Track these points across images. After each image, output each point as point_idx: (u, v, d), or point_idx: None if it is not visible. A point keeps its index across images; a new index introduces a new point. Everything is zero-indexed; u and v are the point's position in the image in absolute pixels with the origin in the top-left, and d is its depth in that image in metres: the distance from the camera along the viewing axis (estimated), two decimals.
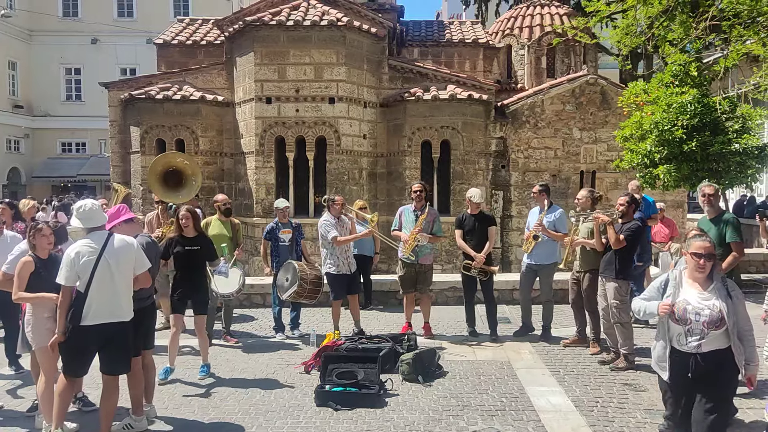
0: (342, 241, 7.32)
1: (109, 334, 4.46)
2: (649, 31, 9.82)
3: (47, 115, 29.05)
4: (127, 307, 4.58)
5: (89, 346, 4.49)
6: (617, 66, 15.63)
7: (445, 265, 12.65)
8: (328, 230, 7.31)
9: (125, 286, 4.56)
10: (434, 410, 5.22)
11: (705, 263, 3.70)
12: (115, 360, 4.57)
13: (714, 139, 9.10)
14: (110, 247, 4.51)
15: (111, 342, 4.49)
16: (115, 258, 4.49)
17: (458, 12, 35.19)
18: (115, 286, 4.47)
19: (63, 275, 4.40)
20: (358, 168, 12.90)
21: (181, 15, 24.98)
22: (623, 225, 6.33)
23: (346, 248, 7.49)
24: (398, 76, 13.53)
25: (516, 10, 18.45)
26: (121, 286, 4.51)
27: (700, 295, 3.72)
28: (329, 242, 7.30)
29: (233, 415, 5.18)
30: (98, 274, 4.41)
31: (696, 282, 3.78)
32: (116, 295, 4.48)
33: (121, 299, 4.53)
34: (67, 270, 4.40)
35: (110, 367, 4.58)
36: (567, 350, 6.94)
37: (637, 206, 6.78)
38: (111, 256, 4.47)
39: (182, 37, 15.64)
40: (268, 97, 12.48)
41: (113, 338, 4.49)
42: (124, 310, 4.55)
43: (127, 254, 4.58)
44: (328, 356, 5.92)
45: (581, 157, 13.45)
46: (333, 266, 7.38)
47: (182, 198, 8.16)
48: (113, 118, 14.10)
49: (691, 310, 3.69)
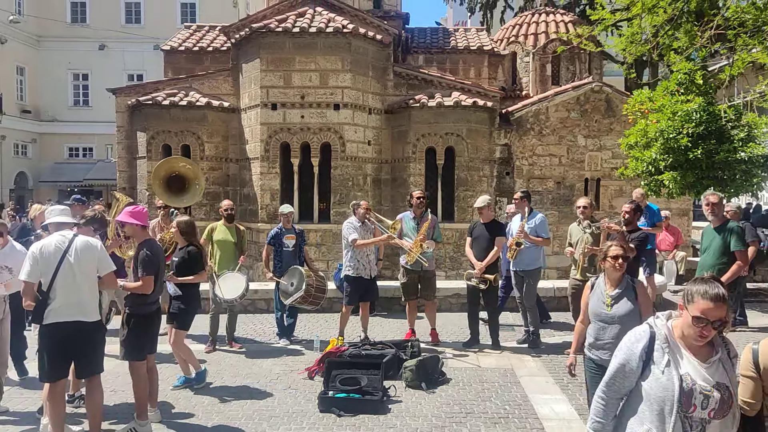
0: (361, 245, 7.29)
1: (73, 333, 4.47)
2: (654, 40, 9.82)
3: (54, 120, 29.23)
4: (89, 308, 4.57)
5: (53, 346, 4.46)
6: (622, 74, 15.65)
7: (449, 272, 12.64)
8: (349, 232, 7.34)
9: (88, 287, 4.57)
10: (437, 417, 5.22)
11: (709, 333, 2.51)
12: (84, 362, 4.59)
13: (719, 147, 9.08)
14: (73, 247, 4.55)
15: (76, 343, 4.49)
16: (77, 258, 4.52)
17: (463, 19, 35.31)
18: (78, 286, 4.50)
19: (25, 272, 4.46)
20: (363, 174, 12.93)
21: (188, 22, 25.13)
22: (630, 234, 6.33)
23: (368, 252, 7.45)
24: (403, 83, 13.57)
25: (521, 18, 18.48)
26: (83, 286, 4.53)
27: (704, 369, 2.55)
28: (349, 244, 7.33)
29: (237, 421, 5.19)
30: (61, 273, 4.45)
31: (692, 349, 2.59)
32: (79, 294, 4.50)
33: (84, 299, 4.53)
34: (30, 266, 4.45)
35: (82, 370, 4.63)
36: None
37: (642, 214, 6.80)
38: (73, 256, 4.51)
39: (189, 44, 15.74)
40: (273, 104, 12.54)
41: (78, 339, 4.50)
42: (87, 311, 4.55)
43: (89, 255, 4.59)
44: (331, 362, 5.93)
45: (586, 165, 13.44)
46: (352, 269, 7.37)
47: (186, 202, 8.21)
48: (120, 124, 14.19)
49: (698, 393, 2.50)
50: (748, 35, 8.44)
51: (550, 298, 9.35)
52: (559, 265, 12.75)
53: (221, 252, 7.60)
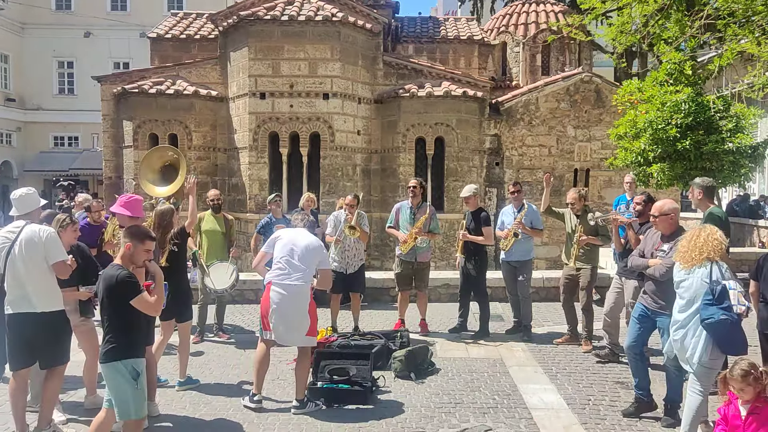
0: (328, 240, 7.45)
1: (27, 324, 4.45)
2: (644, 29, 9.81)
3: (39, 109, 28.81)
4: (35, 298, 4.49)
5: (13, 337, 4.47)
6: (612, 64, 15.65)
7: (439, 262, 12.64)
8: (327, 224, 7.51)
9: (35, 276, 4.49)
10: (426, 407, 5.21)
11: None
12: (43, 352, 4.55)
13: (708, 138, 9.11)
14: (21, 236, 4.51)
15: (34, 333, 4.47)
16: (21, 247, 4.48)
17: (453, 9, 35.15)
18: (23, 276, 4.46)
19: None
20: (352, 164, 12.87)
21: (175, 9, 24.84)
22: (642, 225, 6.29)
23: (344, 249, 7.45)
24: (393, 73, 13.50)
25: (511, 7, 18.43)
26: (31, 276, 4.47)
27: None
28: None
29: (225, 411, 5.16)
30: (9, 263, 4.46)
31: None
32: (25, 286, 4.46)
33: (29, 289, 4.47)
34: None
35: (43, 360, 4.58)
36: (559, 348, 6.95)
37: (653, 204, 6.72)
38: (19, 246, 4.48)
39: (176, 31, 15.54)
40: (262, 93, 12.42)
41: (33, 329, 4.47)
42: (33, 301, 4.48)
43: (35, 244, 4.49)
44: (320, 353, 5.90)
45: (575, 155, 13.45)
46: (333, 261, 7.41)
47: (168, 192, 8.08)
48: (106, 112, 14.01)
49: None
50: (738, 25, 8.45)
51: (539, 288, 9.37)
52: (548, 256, 12.79)
53: (209, 242, 7.51)
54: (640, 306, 5.15)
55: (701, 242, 4.18)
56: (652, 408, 5.01)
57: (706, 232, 4.25)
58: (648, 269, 5.02)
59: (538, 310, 8.70)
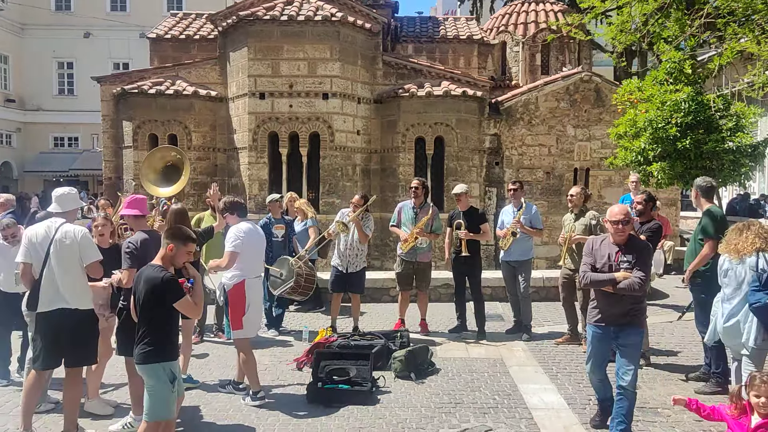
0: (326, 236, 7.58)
1: (59, 322, 4.46)
2: (644, 29, 9.80)
3: (39, 110, 28.82)
4: (70, 296, 4.51)
5: (47, 334, 4.48)
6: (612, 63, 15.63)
7: (439, 262, 12.62)
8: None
9: (72, 275, 4.53)
10: (426, 407, 5.21)
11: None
12: (70, 350, 4.54)
13: (708, 137, 9.09)
14: (56, 235, 4.54)
15: (63, 332, 4.47)
16: (56, 246, 4.51)
17: (453, 8, 35.15)
18: (61, 273, 4.48)
19: (22, 252, 4.56)
20: (352, 164, 12.86)
21: (175, 9, 24.81)
22: (643, 225, 6.28)
23: (345, 247, 7.43)
24: (392, 72, 13.48)
25: (511, 7, 18.41)
26: (68, 274, 4.51)
27: None
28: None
29: (225, 412, 5.15)
30: (47, 262, 4.49)
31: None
32: (61, 283, 4.49)
33: (65, 287, 4.50)
34: (26, 248, 4.55)
35: (69, 358, 4.57)
36: (559, 348, 6.94)
37: (654, 204, 6.69)
38: (54, 244, 4.51)
39: (175, 32, 15.52)
40: (261, 93, 12.41)
41: (64, 328, 4.47)
42: (69, 299, 4.50)
43: (69, 244, 4.53)
44: (320, 353, 5.89)
45: (575, 155, 13.44)
46: (335, 258, 7.44)
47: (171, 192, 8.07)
48: (105, 113, 13.99)
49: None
50: (738, 24, 8.44)
51: (539, 287, 9.37)
52: (548, 255, 12.77)
53: (209, 242, 7.49)
54: (592, 328, 4.64)
55: (753, 234, 4.53)
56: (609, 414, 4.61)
57: (756, 225, 4.63)
58: (619, 284, 4.38)
59: (538, 310, 8.69)
